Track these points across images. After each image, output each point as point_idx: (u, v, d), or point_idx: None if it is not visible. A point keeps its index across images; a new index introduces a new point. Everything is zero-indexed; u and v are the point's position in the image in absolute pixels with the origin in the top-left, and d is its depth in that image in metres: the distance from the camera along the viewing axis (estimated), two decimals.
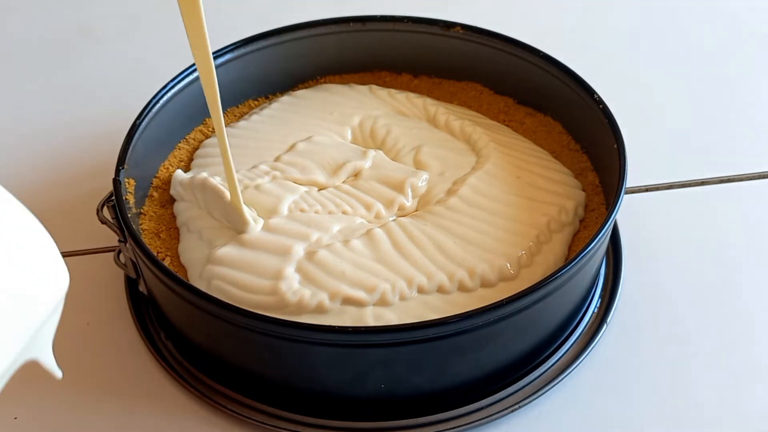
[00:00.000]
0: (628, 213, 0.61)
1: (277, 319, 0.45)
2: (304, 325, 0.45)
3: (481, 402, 0.50)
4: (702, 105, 0.72)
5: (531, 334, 0.50)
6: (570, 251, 0.54)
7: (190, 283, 0.50)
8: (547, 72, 0.60)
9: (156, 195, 0.58)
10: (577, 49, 0.75)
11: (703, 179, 0.65)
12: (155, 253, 0.49)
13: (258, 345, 0.48)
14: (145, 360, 0.54)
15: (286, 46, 0.64)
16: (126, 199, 0.53)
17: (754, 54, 0.77)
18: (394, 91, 0.64)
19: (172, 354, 0.54)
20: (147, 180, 0.58)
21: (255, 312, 0.46)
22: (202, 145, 0.61)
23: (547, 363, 0.52)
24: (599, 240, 0.48)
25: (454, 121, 0.61)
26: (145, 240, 0.54)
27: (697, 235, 0.61)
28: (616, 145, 0.53)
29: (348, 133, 0.61)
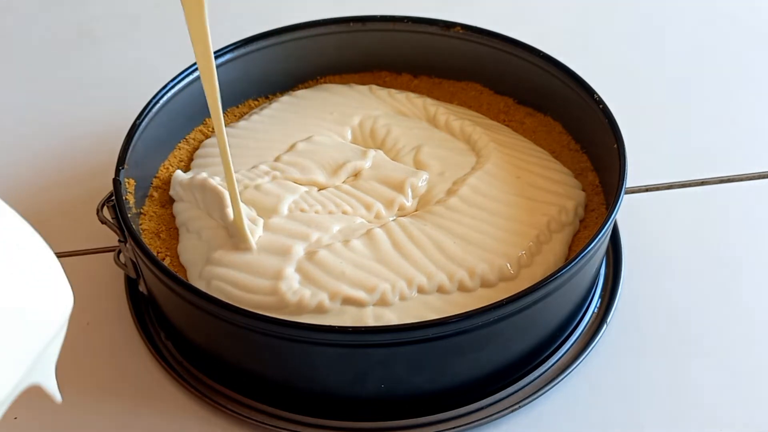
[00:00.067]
0: (628, 213, 0.61)
1: (277, 319, 0.45)
2: (304, 325, 0.45)
3: (481, 402, 0.50)
4: (702, 105, 0.72)
5: (531, 334, 0.50)
6: (570, 251, 0.54)
7: (190, 283, 0.50)
8: (547, 72, 0.60)
9: (156, 195, 0.58)
10: (577, 49, 0.75)
11: (703, 179, 0.65)
12: (155, 253, 0.49)
13: (258, 345, 0.48)
14: (145, 360, 0.54)
15: (286, 46, 0.64)
16: (126, 199, 0.53)
17: (754, 54, 0.77)
18: (394, 91, 0.64)
19: (172, 354, 0.54)
20: (147, 180, 0.58)
21: (255, 312, 0.46)
22: (202, 145, 0.61)
23: (547, 363, 0.52)
24: (599, 240, 0.48)
25: (454, 121, 0.61)
26: (145, 240, 0.54)
27: (697, 235, 0.61)
28: (616, 145, 0.53)
29: (348, 133, 0.61)
